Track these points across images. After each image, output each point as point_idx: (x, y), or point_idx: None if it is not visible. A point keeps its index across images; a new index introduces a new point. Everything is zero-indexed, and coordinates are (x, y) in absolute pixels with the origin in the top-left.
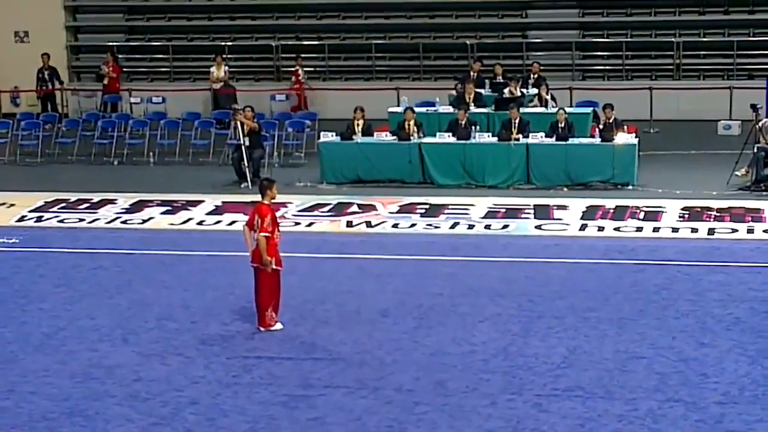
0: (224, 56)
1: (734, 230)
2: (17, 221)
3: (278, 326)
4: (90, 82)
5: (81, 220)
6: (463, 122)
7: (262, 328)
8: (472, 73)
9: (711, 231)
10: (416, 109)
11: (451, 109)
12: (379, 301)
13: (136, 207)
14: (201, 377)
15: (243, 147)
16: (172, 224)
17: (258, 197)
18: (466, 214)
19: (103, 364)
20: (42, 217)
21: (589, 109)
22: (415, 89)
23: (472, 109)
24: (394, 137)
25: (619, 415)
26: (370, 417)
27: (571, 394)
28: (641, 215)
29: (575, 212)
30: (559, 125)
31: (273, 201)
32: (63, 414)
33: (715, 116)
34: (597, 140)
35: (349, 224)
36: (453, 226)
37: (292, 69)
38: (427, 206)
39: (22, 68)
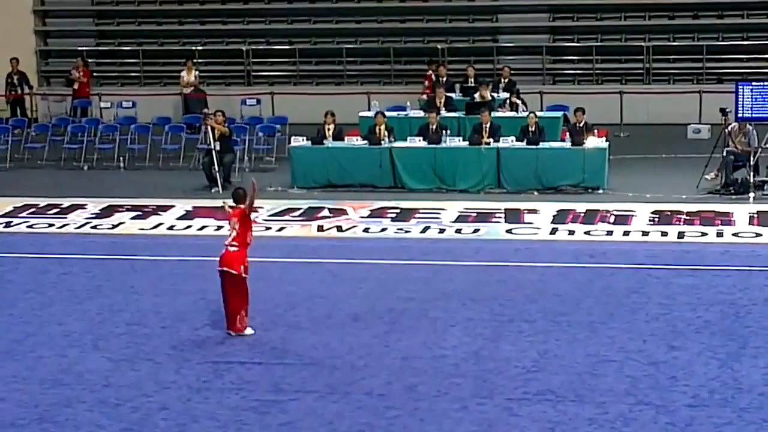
0: (195, 61)
1: (704, 234)
2: None
3: (249, 331)
4: (59, 87)
5: (50, 225)
6: (434, 126)
7: (232, 333)
8: (441, 78)
9: (681, 234)
10: (387, 114)
11: (421, 114)
12: (350, 306)
13: (106, 212)
14: (171, 382)
15: (214, 152)
16: (142, 229)
17: (227, 202)
18: (437, 218)
19: (73, 369)
20: (11, 222)
21: (559, 113)
22: (386, 93)
23: (443, 113)
24: (365, 142)
25: (589, 419)
26: (341, 422)
27: (542, 398)
28: (611, 219)
29: (546, 216)
30: (530, 129)
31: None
32: (33, 420)
33: (684, 120)
34: (567, 144)
35: (320, 229)
36: (424, 231)
37: (426, 73)
38: (398, 210)
39: None
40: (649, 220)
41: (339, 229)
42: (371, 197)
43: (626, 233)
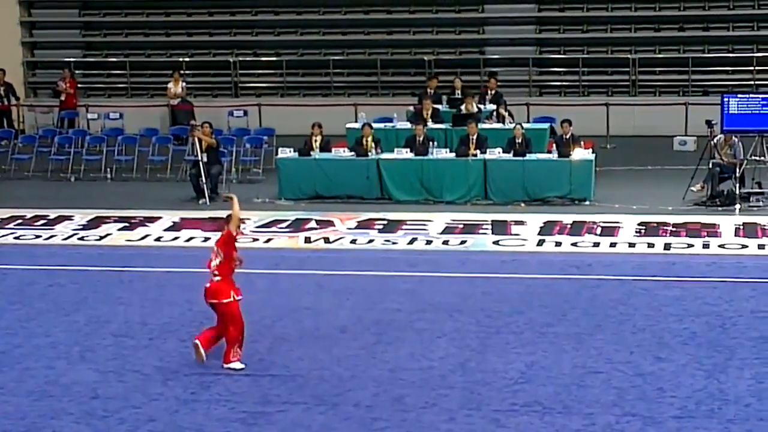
0: (182, 72)
1: (690, 245)
2: None
3: (239, 365)
4: (47, 98)
5: (37, 236)
6: (421, 138)
7: (223, 364)
8: (429, 90)
9: (667, 246)
10: (374, 125)
11: (408, 125)
12: (338, 317)
13: (93, 223)
14: (159, 394)
15: (201, 163)
16: (129, 240)
17: (214, 213)
18: (424, 229)
19: (60, 381)
20: None
21: (546, 125)
22: (373, 105)
23: (430, 125)
24: (352, 153)
25: (576, 430)
26: None
27: (529, 410)
28: (598, 230)
29: (533, 228)
30: (516, 141)
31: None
32: None
33: (670, 132)
34: (554, 156)
35: (307, 240)
36: (411, 242)
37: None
38: (385, 222)
39: None
40: (636, 232)
41: (326, 240)
42: (358, 209)
43: (613, 245)
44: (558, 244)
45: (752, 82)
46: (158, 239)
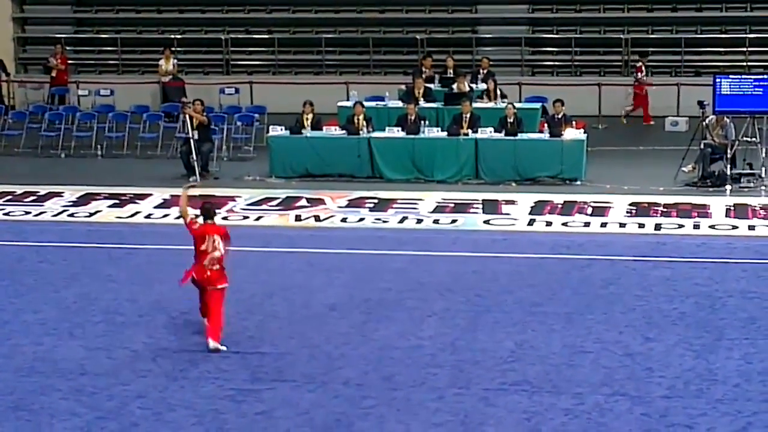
0: (173, 49)
1: (681, 226)
2: None
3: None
4: (37, 74)
5: (27, 212)
6: (413, 117)
7: (211, 341)
8: (423, 69)
9: (658, 226)
10: (366, 104)
11: (400, 104)
12: (328, 296)
13: (84, 200)
14: (148, 371)
15: (192, 140)
16: (119, 217)
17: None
18: (415, 208)
19: (48, 357)
20: None
21: (538, 105)
22: (365, 83)
23: (422, 104)
24: (344, 131)
25: (565, 409)
26: (317, 411)
27: (518, 389)
28: (589, 210)
29: (523, 207)
30: (508, 120)
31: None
32: (8, 408)
33: (662, 113)
34: (546, 136)
35: (298, 218)
36: (402, 221)
37: (636, 65)
38: (376, 201)
39: None
40: (627, 212)
41: (317, 218)
42: (349, 187)
43: (603, 225)
44: (549, 223)
45: (745, 63)
46: (148, 216)
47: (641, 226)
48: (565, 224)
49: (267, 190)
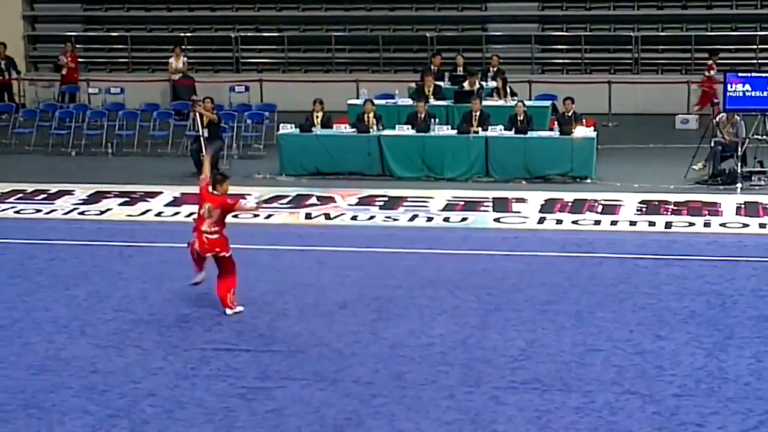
0: (183, 47)
1: (691, 224)
2: None
3: (239, 308)
4: (48, 72)
5: (38, 211)
6: (423, 115)
7: (230, 312)
8: (433, 67)
9: (668, 224)
10: (376, 102)
11: (410, 102)
12: (338, 294)
13: (94, 198)
14: (159, 369)
15: (202, 138)
16: (130, 215)
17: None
18: (425, 206)
19: (59, 355)
20: None
21: (548, 103)
22: (375, 81)
23: (432, 101)
24: (354, 129)
25: (576, 408)
26: (328, 409)
27: (529, 387)
28: (599, 209)
29: (534, 205)
30: (518, 118)
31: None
32: (19, 406)
33: (672, 110)
34: (556, 133)
35: (308, 216)
36: (412, 219)
37: (707, 62)
38: (386, 199)
39: None
40: (637, 210)
41: (327, 216)
42: (359, 185)
43: (614, 223)
44: (559, 221)
45: (755, 61)
46: (159, 214)
47: (652, 224)
48: (575, 222)
49: (277, 188)
